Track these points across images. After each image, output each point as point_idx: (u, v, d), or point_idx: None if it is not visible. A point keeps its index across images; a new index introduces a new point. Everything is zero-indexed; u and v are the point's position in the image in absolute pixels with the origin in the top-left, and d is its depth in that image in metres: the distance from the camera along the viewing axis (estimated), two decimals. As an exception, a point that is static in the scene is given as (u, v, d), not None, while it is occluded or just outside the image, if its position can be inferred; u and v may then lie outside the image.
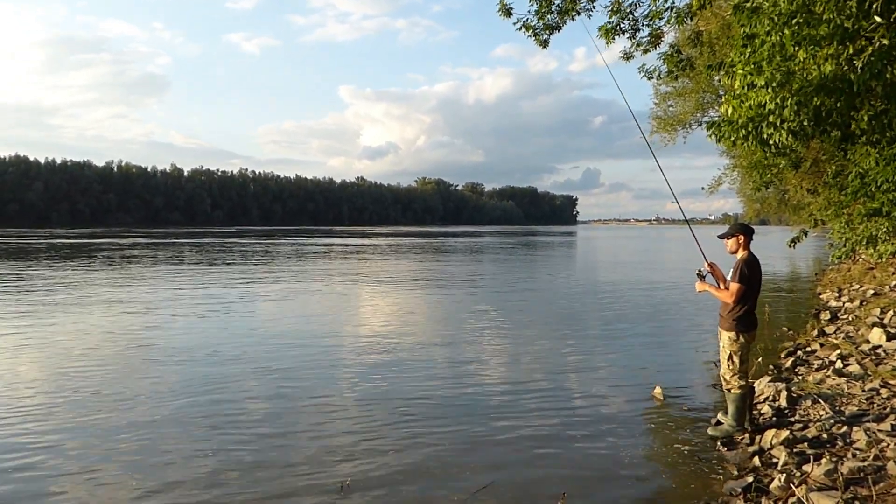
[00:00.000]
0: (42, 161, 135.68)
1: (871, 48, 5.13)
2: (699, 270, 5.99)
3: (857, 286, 15.85)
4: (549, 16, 8.85)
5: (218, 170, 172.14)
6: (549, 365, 9.07)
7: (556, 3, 8.75)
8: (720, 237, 5.93)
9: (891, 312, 10.44)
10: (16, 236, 57.28)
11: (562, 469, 5.25)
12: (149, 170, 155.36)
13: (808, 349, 9.22)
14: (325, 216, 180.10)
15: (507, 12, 8.80)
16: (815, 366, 8.06)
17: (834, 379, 7.10)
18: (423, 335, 11.45)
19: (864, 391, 6.54)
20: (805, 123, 5.47)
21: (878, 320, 10.25)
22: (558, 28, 8.98)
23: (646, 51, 9.32)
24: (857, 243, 9.55)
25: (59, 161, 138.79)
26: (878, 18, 4.95)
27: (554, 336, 11.48)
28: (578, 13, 8.81)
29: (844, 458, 4.78)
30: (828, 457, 4.80)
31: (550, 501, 4.55)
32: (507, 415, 6.68)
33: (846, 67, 5.29)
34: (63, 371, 8.40)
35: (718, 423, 6.00)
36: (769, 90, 5.33)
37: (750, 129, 5.59)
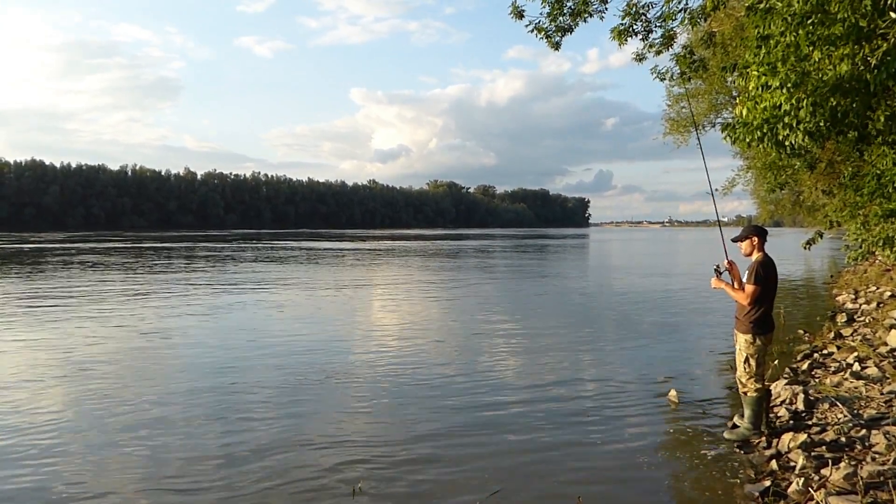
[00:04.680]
0: (58, 165, 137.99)
1: (885, 45, 5.08)
2: (717, 266, 5.93)
3: (874, 288, 15.69)
4: (561, 18, 8.80)
5: (231, 173, 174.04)
6: (562, 368, 9.04)
7: (568, 5, 8.69)
8: (734, 240, 5.89)
9: (909, 314, 10.33)
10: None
11: (576, 473, 5.23)
12: (163, 174, 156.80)
13: (825, 352, 9.13)
14: (337, 219, 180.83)
15: (520, 14, 8.75)
16: (832, 368, 7.99)
17: (851, 382, 7.04)
18: (434, 339, 11.45)
19: (882, 394, 6.47)
20: (821, 124, 5.41)
21: (895, 322, 10.14)
22: (570, 30, 8.92)
23: (658, 52, 9.26)
24: (873, 245, 9.43)
25: (74, 165, 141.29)
26: (892, 14, 4.90)
27: (567, 340, 11.44)
28: (591, 15, 8.75)
29: (864, 462, 4.72)
30: (847, 460, 4.75)
31: (565, 505, 4.54)
32: (521, 419, 6.66)
33: (862, 67, 5.24)
34: (73, 372, 8.48)
35: (735, 426, 5.96)
36: (784, 91, 5.29)
37: (765, 130, 5.54)
